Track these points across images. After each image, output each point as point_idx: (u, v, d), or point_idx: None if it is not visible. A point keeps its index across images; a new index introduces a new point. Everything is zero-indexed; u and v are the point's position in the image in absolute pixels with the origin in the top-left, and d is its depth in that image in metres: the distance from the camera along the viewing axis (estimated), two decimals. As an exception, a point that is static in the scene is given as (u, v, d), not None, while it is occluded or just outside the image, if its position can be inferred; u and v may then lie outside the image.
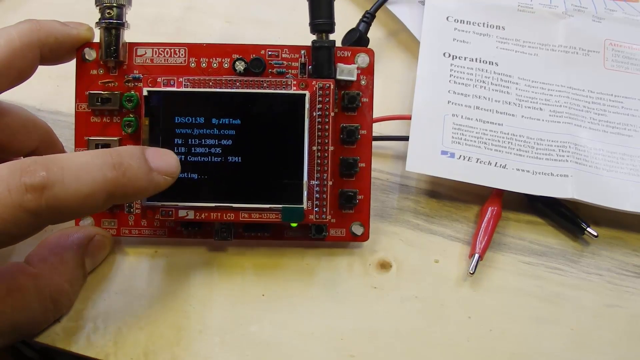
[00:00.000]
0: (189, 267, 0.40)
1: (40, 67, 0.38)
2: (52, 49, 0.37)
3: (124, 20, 0.38)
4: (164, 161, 0.34)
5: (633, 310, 0.40)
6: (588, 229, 0.42)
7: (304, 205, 0.37)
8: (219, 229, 0.39)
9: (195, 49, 0.39)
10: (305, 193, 0.37)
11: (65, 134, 0.43)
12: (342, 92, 0.39)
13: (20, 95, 0.46)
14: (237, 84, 0.37)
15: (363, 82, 0.39)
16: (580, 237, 0.43)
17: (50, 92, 0.47)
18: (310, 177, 0.37)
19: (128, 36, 0.39)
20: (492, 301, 0.39)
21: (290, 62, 0.39)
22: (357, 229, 0.40)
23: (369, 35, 0.48)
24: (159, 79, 0.37)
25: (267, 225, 0.39)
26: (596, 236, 0.42)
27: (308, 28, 0.38)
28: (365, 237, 0.40)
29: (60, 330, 0.36)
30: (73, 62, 0.39)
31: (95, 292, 0.38)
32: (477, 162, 0.43)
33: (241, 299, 0.39)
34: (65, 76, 0.39)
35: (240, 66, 0.38)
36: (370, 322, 0.38)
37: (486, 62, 0.47)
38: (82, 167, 0.30)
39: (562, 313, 0.39)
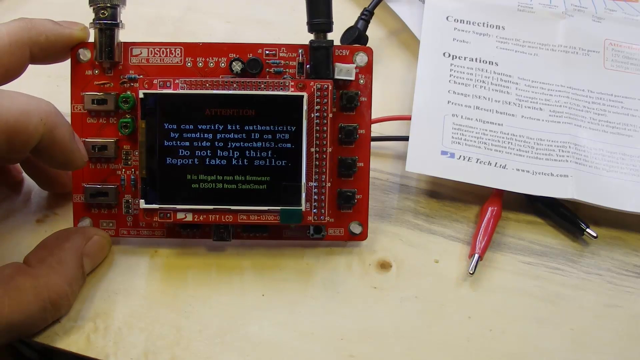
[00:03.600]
0: (188, 267, 0.40)
1: (40, 68, 0.38)
2: (42, 48, 0.37)
3: (118, 21, 0.38)
4: (82, 145, 0.36)
5: (633, 310, 0.40)
6: (587, 230, 0.42)
7: (302, 207, 0.37)
8: (217, 230, 0.39)
9: (191, 49, 0.39)
10: (303, 195, 0.37)
11: (65, 135, 0.43)
12: (341, 91, 0.39)
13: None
14: (235, 85, 0.37)
15: (361, 81, 0.39)
16: (580, 238, 0.42)
17: (50, 92, 0.46)
18: (308, 179, 0.37)
19: (127, 36, 0.39)
20: (492, 301, 0.39)
21: (287, 62, 0.39)
22: (356, 228, 0.40)
23: (368, 34, 0.48)
24: (155, 81, 0.37)
25: (266, 225, 0.39)
26: (595, 237, 0.41)
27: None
28: (363, 236, 0.40)
29: (60, 330, 0.36)
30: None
31: (95, 292, 0.38)
32: (477, 162, 0.43)
33: (241, 299, 0.39)
34: (65, 76, 0.39)
35: (237, 67, 0.38)
36: (370, 322, 0.38)
37: (486, 62, 0.47)
38: (17, 93, 0.32)
39: (562, 313, 0.39)
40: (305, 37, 0.38)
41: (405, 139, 0.44)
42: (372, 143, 0.40)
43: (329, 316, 0.38)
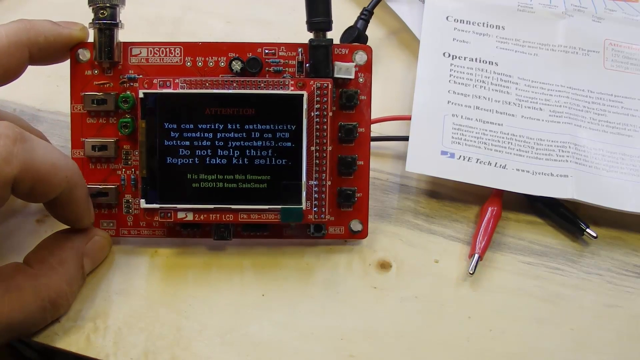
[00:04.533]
0: (188, 266, 0.40)
1: (40, 67, 0.38)
2: (41, 49, 0.37)
3: (117, 20, 0.38)
4: (92, 208, 0.38)
5: (633, 310, 0.39)
6: (587, 230, 0.42)
7: (303, 206, 0.37)
8: (218, 229, 0.39)
9: (190, 48, 0.39)
10: (304, 193, 0.37)
11: (65, 134, 0.43)
12: (340, 90, 0.39)
13: (20, 95, 0.46)
14: (234, 84, 0.37)
15: (361, 80, 0.39)
16: (580, 238, 0.42)
17: (51, 92, 0.47)
18: (308, 177, 0.37)
19: (127, 36, 0.39)
20: (492, 301, 0.39)
21: (287, 60, 0.39)
22: (356, 226, 0.40)
23: (369, 34, 0.48)
24: (154, 81, 0.37)
25: (266, 224, 0.39)
26: (595, 237, 0.41)
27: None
28: (364, 234, 0.40)
29: (60, 330, 0.36)
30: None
31: (95, 292, 0.38)
32: (477, 162, 0.43)
33: (241, 298, 0.39)
34: (65, 76, 0.39)
35: (237, 66, 0.38)
36: (370, 322, 0.38)
37: (486, 62, 0.47)
38: (51, 146, 0.34)
39: (562, 313, 0.39)
40: (305, 37, 0.38)
41: (405, 139, 0.44)
42: (372, 143, 0.40)
43: (329, 316, 0.38)
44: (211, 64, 0.39)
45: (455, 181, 0.43)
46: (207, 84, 0.37)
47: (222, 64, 0.39)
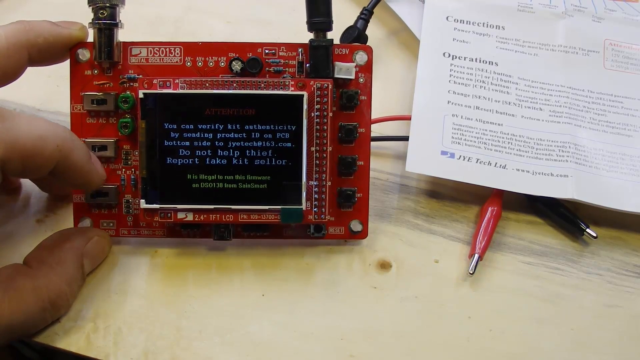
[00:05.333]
0: (188, 267, 0.40)
1: (40, 67, 0.38)
2: (41, 50, 0.37)
3: (117, 20, 0.38)
4: (100, 165, 0.37)
5: (633, 310, 0.39)
6: (587, 230, 0.42)
7: (303, 206, 0.37)
8: (218, 229, 0.39)
9: (190, 48, 0.39)
10: (304, 194, 0.37)
11: (65, 134, 0.43)
12: (340, 90, 0.39)
13: (20, 95, 0.46)
14: (234, 85, 0.37)
15: (361, 80, 0.39)
16: (580, 238, 0.42)
17: (51, 92, 0.47)
18: (309, 178, 0.37)
19: (127, 36, 0.39)
20: (492, 301, 0.39)
21: (287, 60, 0.39)
22: (356, 226, 0.40)
23: (369, 34, 0.48)
24: (154, 81, 0.37)
25: (267, 224, 0.39)
26: (595, 237, 0.41)
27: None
28: (364, 234, 0.40)
29: (60, 330, 0.36)
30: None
31: (95, 292, 0.38)
32: (477, 162, 0.43)
33: (241, 298, 0.38)
34: (65, 76, 0.39)
35: (237, 66, 0.38)
36: (370, 322, 0.38)
37: (486, 62, 0.47)
38: (35, 118, 0.33)
39: (562, 313, 0.39)
40: (305, 37, 0.38)
41: (405, 139, 0.44)
42: (372, 143, 0.40)
43: (329, 316, 0.38)
44: (211, 64, 0.39)
45: (455, 181, 0.43)
46: (207, 84, 0.37)
47: (222, 64, 0.39)
